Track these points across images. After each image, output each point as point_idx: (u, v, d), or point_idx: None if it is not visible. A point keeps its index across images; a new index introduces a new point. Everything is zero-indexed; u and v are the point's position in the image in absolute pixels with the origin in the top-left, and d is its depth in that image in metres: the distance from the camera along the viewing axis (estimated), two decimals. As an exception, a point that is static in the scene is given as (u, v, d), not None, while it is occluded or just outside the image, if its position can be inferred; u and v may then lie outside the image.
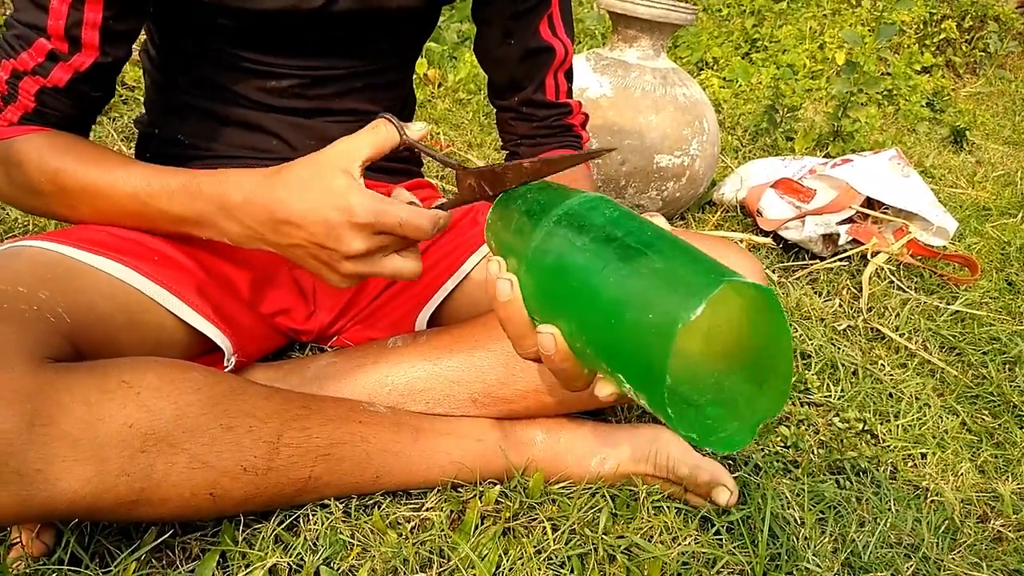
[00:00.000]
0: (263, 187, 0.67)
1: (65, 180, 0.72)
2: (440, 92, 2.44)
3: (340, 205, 0.62)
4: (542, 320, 0.52)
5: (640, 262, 0.45)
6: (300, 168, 0.66)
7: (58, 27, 0.68)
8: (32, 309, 0.61)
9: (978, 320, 1.41)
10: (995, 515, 0.92)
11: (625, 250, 0.46)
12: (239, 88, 0.83)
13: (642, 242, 0.47)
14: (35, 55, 0.69)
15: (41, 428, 0.54)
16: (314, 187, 0.64)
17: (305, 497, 0.71)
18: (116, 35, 0.71)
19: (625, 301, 0.44)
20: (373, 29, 0.84)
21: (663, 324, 0.41)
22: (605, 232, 0.49)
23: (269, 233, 0.67)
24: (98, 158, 0.72)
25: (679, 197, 1.64)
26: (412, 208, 0.64)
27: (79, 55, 0.70)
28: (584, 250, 0.49)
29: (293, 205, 0.64)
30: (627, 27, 1.59)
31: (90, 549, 0.66)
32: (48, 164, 0.71)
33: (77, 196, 0.73)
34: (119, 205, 0.72)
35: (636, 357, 0.44)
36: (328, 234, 0.63)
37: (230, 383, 0.66)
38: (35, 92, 0.70)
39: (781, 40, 3.77)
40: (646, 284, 0.44)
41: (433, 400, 0.80)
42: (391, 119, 0.66)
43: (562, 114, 0.95)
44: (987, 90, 4.08)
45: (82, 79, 0.71)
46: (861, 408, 1.09)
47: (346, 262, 0.65)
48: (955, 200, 2.18)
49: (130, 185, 0.71)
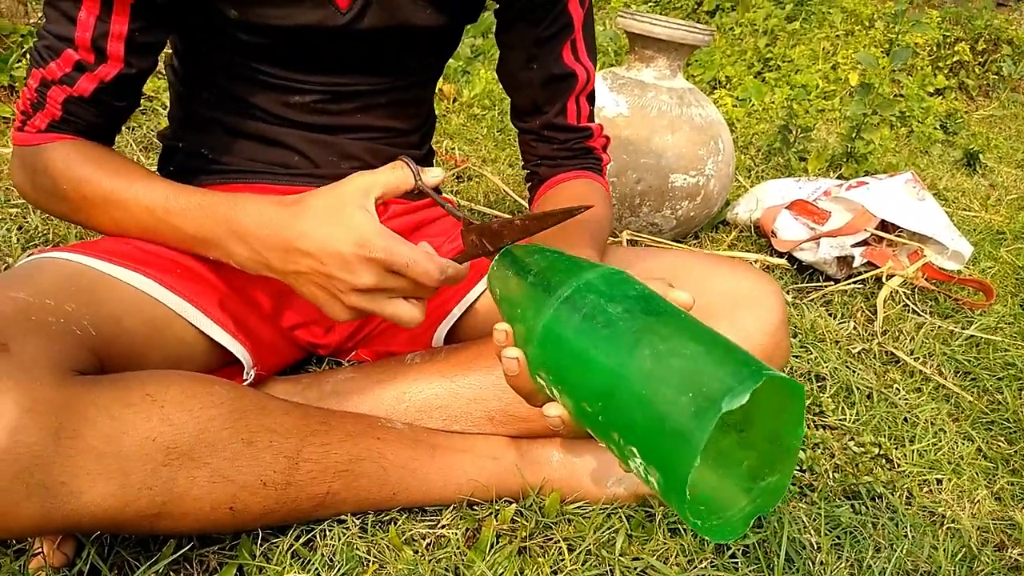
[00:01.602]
0: (279, 215, 0.68)
1: (87, 189, 0.73)
2: (455, 107, 2.46)
3: (357, 239, 0.63)
4: (550, 383, 0.53)
5: (678, 341, 0.45)
6: (318, 199, 0.67)
7: (85, 38, 0.70)
8: (59, 322, 0.62)
9: (993, 345, 1.41)
10: (1012, 543, 0.91)
11: (662, 326, 0.46)
12: (262, 103, 0.84)
13: (679, 322, 0.47)
14: (63, 65, 0.71)
15: (67, 441, 0.55)
16: (332, 218, 0.65)
17: (322, 512, 0.71)
18: (141, 47, 0.73)
19: (656, 378, 0.44)
20: (396, 46, 0.85)
21: (700, 407, 0.41)
22: (639, 304, 0.49)
23: (276, 260, 0.68)
24: (121, 170, 0.74)
25: (693, 216, 1.64)
26: (423, 252, 0.65)
27: (104, 66, 0.72)
28: (614, 320, 0.48)
29: (310, 234, 0.65)
30: (644, 47, 1.60)
31: (109, 561, 0.66)
32: (72, 173, 0.73)
33: (97, 206, 0.74)
34: (136, 218, 0.74)
35: (661, 439, 0.43)
36: (341, 265, 0.64)
37: (252, 398, 0.66)
38: (62, 101, 0.72)
39: (794, 60, 3.78)
40: (687, 364, 0.44)
41: (450, 417, 0.80)
42: (409, 163, 0.68)
43: (583, 137, 0.95)
44: (1000, 113, 4.08)
45: (107, 89, 0.73)
46: (876, 432, 1.08)
47: (352, 295, 0.66)
48: (969, 223, 2.18)
49: (149, 199, 0.73)
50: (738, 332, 0.77)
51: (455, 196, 1.74)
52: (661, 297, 0.51)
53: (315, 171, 0.88)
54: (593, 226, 0.83)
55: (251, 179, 0.87)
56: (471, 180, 1.88)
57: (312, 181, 0.88)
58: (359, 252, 0.63)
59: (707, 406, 0.40)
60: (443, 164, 1.93)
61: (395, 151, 0.93)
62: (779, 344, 0.79)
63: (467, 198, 1.75)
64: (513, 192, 1.79)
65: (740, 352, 0.44)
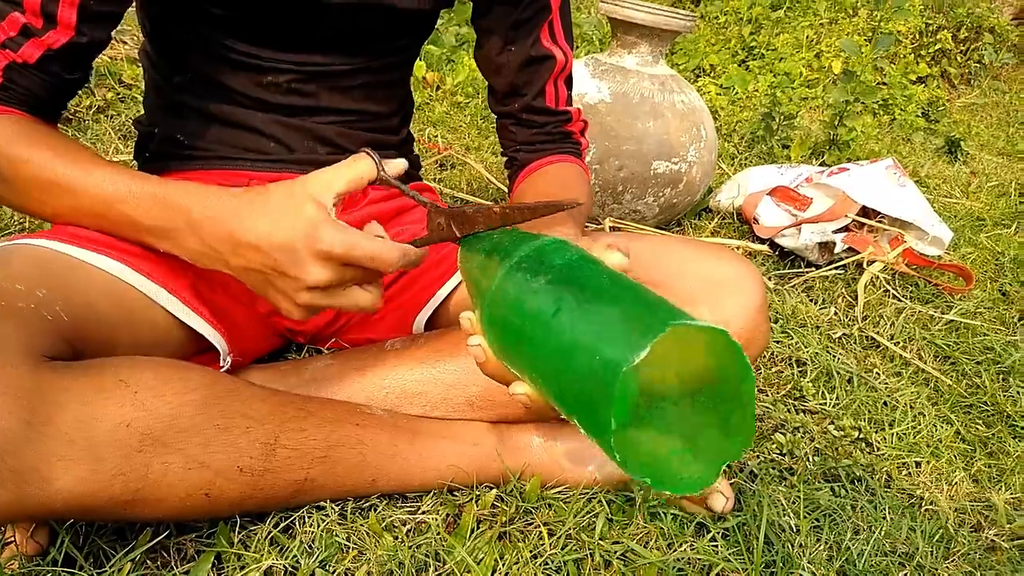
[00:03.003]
0: (230, 207, 0.65)
1: (30, 171, 0.68)
2: (438, 95, 2.45)
3: (308, 234, 0.61)
4: (505, 361, 0.52)
5: (589, 307, 0.44)
6: (271, 194, 0.64)
7: (34, 1, 0.66)
8: (30, 307, 0.61)
9: (972, 330, 1.42)
10: (989, 524, 0.92)
11: (576, 294, 0.46)
12: (235, 84, 0.83)
13: (595, 287, 0.46)
14: (7, 28, 0.67)
15: (38, 427, 0.54)
16: (283, 214, 0.62)
17: (301, 499, 0.71)
18: (95, 16, 0.69)
19: (572, 346, 0.43)
20: (370, 25, 0.84)
21: (606, 369, 0.40)
22: (559, 276, 0.48)
23: (228, 254, 0.66)
24: (68, 153, 0.69)
25: (676, 203, 1.64)
26: (381, 242, 0.63)
27: (53, 32, 0.68)
28: (536, 293, 0.48)
29: (259, 229, 0.63)
30: (626, 33, 1.60)
31: (85, 549, 0.66)
32: (13, 151, 0.68)
33: (42, 189, 0.69)
34: (83, 205, 0.69)
35: (583, 403, 0.43)
36: (292, 262, 0.62)
37: (227, 384, 0.66)
38: (3, 67, 0.68)
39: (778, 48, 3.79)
40: (592, 328, 0.43)
41: (430, 403, 0.80)
42: (371, 154, 0.65)
43: (561, 121, 0.95)
44: (981, 101, 4.11)
45: (54, 57, 0.69)
46: (856, 416, 1.09)
47: (304, 292, 0.64)
48: (950, 210, 2.19)
49: (95, 186, 0.68)
50: (718, 316, 0.77)
51: (438, 184, 1.73)
52: (593, 263, 0.49)
53: (290, 156, 0.87)
54: (573, 210, 0.83)
55: (227, 165, 0.86)
56: (454, 168, 1.88)
57: (288, 167, 0.87)
58: (314, 247, 0.61)
59: (612, 365, 0.40)
60: (425, 152, 1.92)
61: (372, 136, 0.92)
62: (759, 327, 0.79)
63: (450, 186, 1.74)
64: (496, 180, 1.78)
65: (652, 307, 0.43)
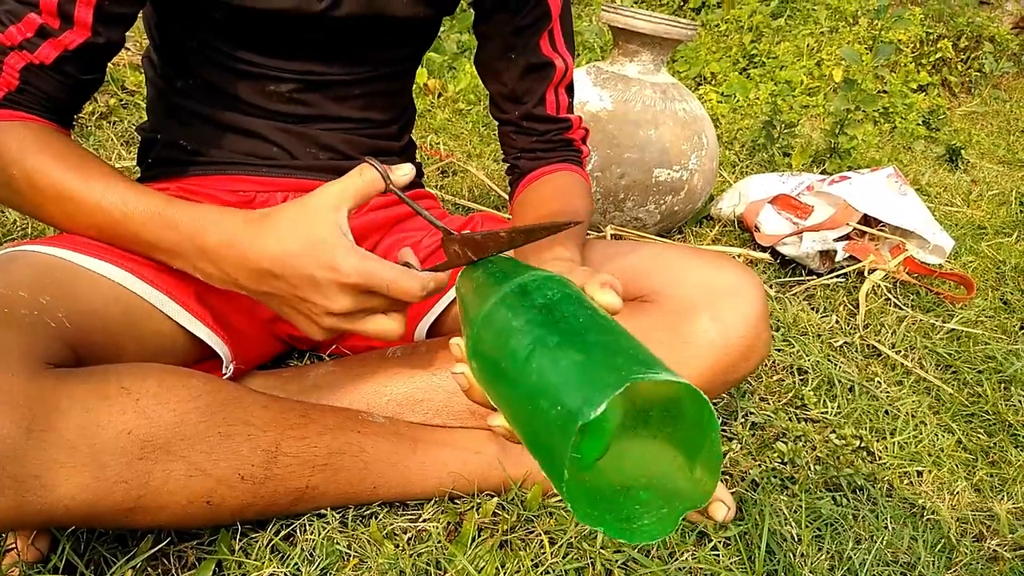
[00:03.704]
0: (244, 232, 0.65)
1: (40, 180, 0.68)
2: (440, 102, 2.45)
3: (327, 263, 0.61)
4: (489, 397, 0.52)
5: (559, 353, 0.43)
6: (284, 217, 0.63)
7: (50, 2, 0.66)
8: (33, 314, 0.61)
9: (974, 338, 1.42)
10: (991, 534, 0.92)
11: (549, 337, 0.45)
12: (239, 92, 0.84)
13: (569, 330, 0.45)
14: (24, 29, 0.67)
15: (40, 434, 0.54)
16: (300, 240, 0.62)
17: (302, 507, 0.71)
18: (111, 16, 0.69)
19: (538, 390, 0.43)
20: (373, 36, 0.84)
21: (564, 420, 0.39)
22: (538, 316, 0.47)
23: (246, 280, 0.66)
24: (79, 164, 0.69)
25: (677, 211, 1.64)
26: (401, 270, 0.62)
27: (70, 32, 0.68)
28: (514, 332, 0.47)
29: (277, 256, 0.62)
30: (628, 42, 1.60)
31: (85, 556, 0.66)
32: (26, 160, 0.68)
33: (51, 199, 0.69)
34: (92, 218, 0.69)
35: (544, 447, 0.42)
36: (313, 290, 0.62)
37: (229, 391, 0.66)
38: (20, 68, 0.68)
39: (779, 56, 3.80)
40: (558, 376, 0.42)
41: (431, 411, 0.80)
42: (375, 164, 0.64)
43: (562, 129, 0.95)
44: (982, 110, 4.11)
45: (70, 58, 0.69)
46: (857, 425, 1.09)
47: (327, 317, 0.64)
48: (951, 218, 2.19)
49: (107, 200, 0.68)
50: (719, 325, 0.77)
51: (440, 191, 1.73)
52: (576, 303, 0.48)
53: (293, 162, 0.87)
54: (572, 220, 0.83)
55: (229, 170, 0.86)
56: (456, 175, 1.88)
57: (290, 172, 0.87)
58: (332, 277, 0.61)
59: (567, 419, 0.39)
60: (427, 159, 1.92)
61: (373, 142, 0.92)
62: (759, 336, 0.79)
63: (452, 193, 1.74)
64: (497, 187, 1.78)
65: (620, 358, 0.42)
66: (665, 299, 0.79)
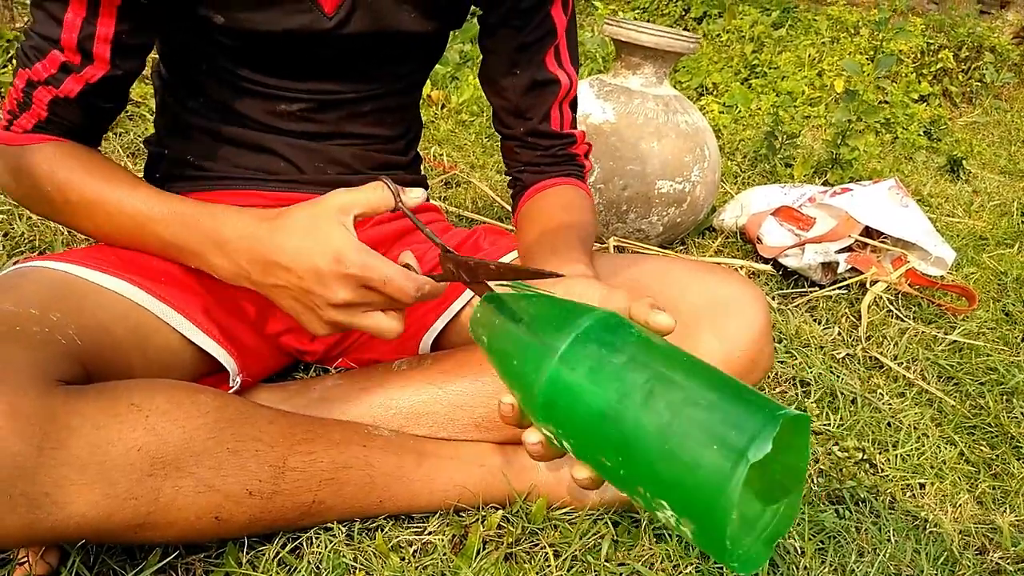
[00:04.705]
0: (259, 229, 0.68)
1: (70, 193, 0.73)
2: (443, 113, 2.46)
3: (333, 255, 0.63)
4: (559, 436, 0.51)
5: (686, 394, 0.45)
6: (298, 213, 0.67)
7: (71, 40, 0.70)
8: (44, 331, 0.62)
9: (976, 350, 1.42)
10: (993, 547, 0.92)
11: (662, 383, 0.46)
12: (248, 110, 0.85)
13: (678, 369, 0.47)
14: (48, 66, 0.71)
15: (51, 451, 0.55)
16: (310, 235, 0.65)
17: (309, 520, 0.71)
18: (127, 49, 0.73)
19: (677, 439, 0.44)
20: (382, 52, 0.85)
21: (725, 464, 0.41)
22: (631, 363, 0.48)
23: (256, 273, 0.68)
24: (105, 174, 0.74)
25: (680, 223, 1.65)
26: (400, 269, 0.65)
27: (90, 67, 0.72)
28: (614, 388, 0.47)
29: (288, 250, 0.66)
30: (630, 54, 1.61)
31: (95, 570, 0.66)
32: (56, 176, 0.73)
33: (80, 210, 0.74)
34: (117, 224, 0.74)
35: (692, 494, 0.43)
36: (318, 281, 0.65)
37: (237, 407, 0.66)
38: (48, 102, 0.72)
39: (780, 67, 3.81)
40: (701, 419, 0.44)
41: (437, 424, 0.81)
42: (389, 183, 0.68)
43: (566, 144, 0.96)
44: (983, 120, 4.12)
45: (93, 91, 0.73)
46: (860, 437, 1.09)
47: (330, 309, 0.66)
48: (952, 229, 2.20)
49: (131, 206, 0.72)
50: (722, 338, 0.77)
51: (443, 203, 1.74)
52: (660, 340, 0.50)
53: (301, 177, 0.88)
54: (582, 233, 0.84)
55: (237, 186, 0.87)
56: (459, 186, 1.89)
57: (298, 187, 0.88)
58: (335, 268, 0.63)
59: (735, 458, 0.41)
60: (431, 170, 1.93)
61: (381, 157, 0.93)
62: (763, 350, 0.79)
63: (455, 204, 1.75)
64: (500, 199, 1.79)
65: (751, 394, 0.44)
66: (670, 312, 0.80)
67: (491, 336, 0.57)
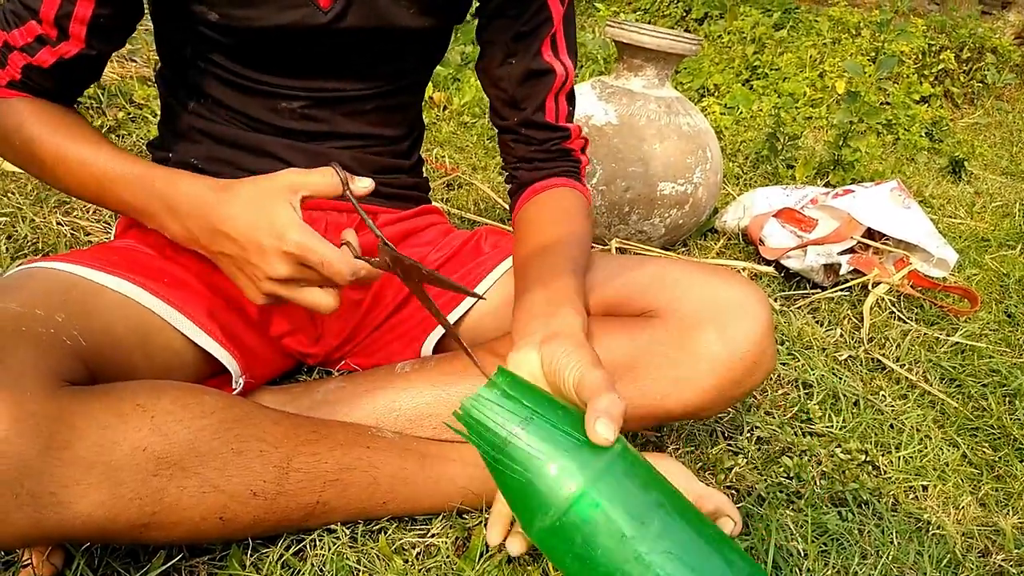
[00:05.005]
0: (209, 196, 0.71)
1: (38, 149, 0.75)
2: (445, 115, 2.47)
3: (275, 232, 0.67)
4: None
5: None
6: (247, 187, 0.70)
7: (49, 14, 0.72)
8: (49, 332, 0.62)
9: (978, 352, 1.42)
10: (996, 549, 0.92)
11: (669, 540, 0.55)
12: (249, 109, 0.85)
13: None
14: (25, 35, 0.73)
15: (56, 452, 0.55)
16: (256, 209, 0.68)
17: (312, 522, 0.71)
18: (105, 30, 0.75)
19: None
20: (381, 48, 0.85)
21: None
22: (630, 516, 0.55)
23: (204, 239, 0.71)
24: (72, 132, 0.75)
25: (682, 224, 1.65)
26: (337, 252, 0.68)
27: (65, 43, 0.74)
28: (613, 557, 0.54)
29: (234, 220, 0.69)
30: (632, 56, 1.61)
31: (99, 572, 0.66)
32: (25, 131, 0.75)
33: (48, 165, 0.76)
34: (80, 180, 0.75)
35: None
36: (259, 254, 0.68)
37: (242, 407, 0.67)
38: (22, 66, 0.74)
39: (782, 68, 3.81)
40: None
41: (440, 426, 0.81)
42: (339, 170, 0.71)
43: (561, 138, 0.95)
44: (985, 121, 4.12)
45: (67, 64, 0.75)
46: (863, 439, 1.09)
47: (267, 281, 0.69)
48: (954, 230, 2.20)
49: (93, 164, 0.74)
50: (725, 340, 0.77)
51: (445, 204, 1.74)
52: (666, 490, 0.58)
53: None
54: (575, 249, 0.83)
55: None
56: (461, 188, 1.89)
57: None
58: (275, 244, 0.67)
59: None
60: (433, 172, 1.93)
61: (382, 160, 0.93)
62: (765, 352, 0.79)
63: (457, 206, 1.75)
64: (502, 200, 1.79)
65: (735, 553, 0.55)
66: (671, 314, 0.80)
67: (488, 444, 0.59)
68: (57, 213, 1.28)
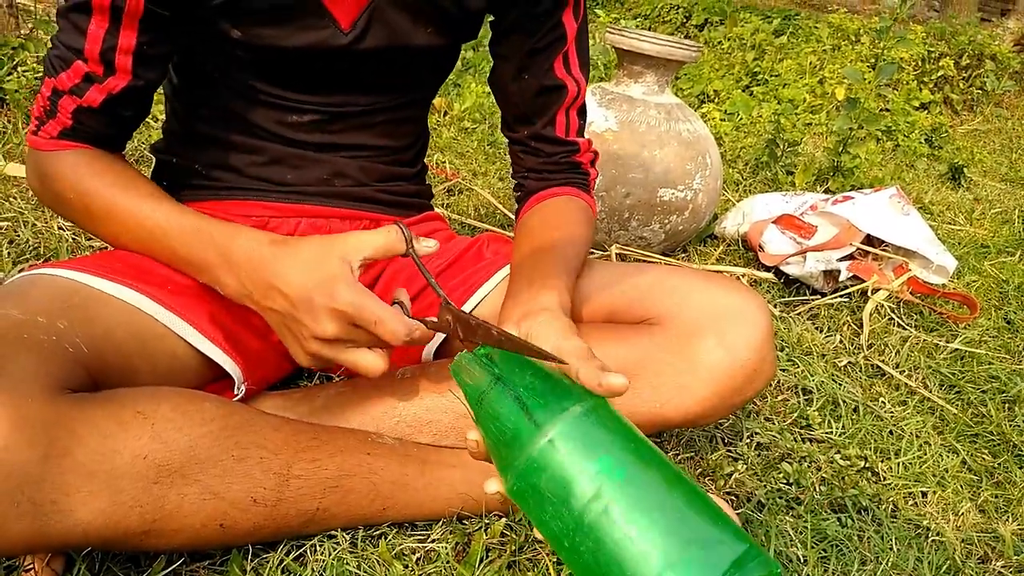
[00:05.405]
0: (268, 252, 0.70)
1: (91, 202, 0.75)
2: (445, 120, 2.47)
3: (327, 290, 0.65)
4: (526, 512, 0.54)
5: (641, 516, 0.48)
6: (308, 245, 0.69)
7: (94, 51, 0.71)
8: (51, 339, 0.62)
9: (977, 358, 1.42)
10: (996, 556, 0.92)
11: (627, 498, 0.49)
12: (259, 121, 0.85)
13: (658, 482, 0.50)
14: (72, 76, 0.72)
15: (57, 459, 0.55)
16: (313, 268, 0.67)
17: (313, 528, 0.72)
18: (149, 59, 0.74)
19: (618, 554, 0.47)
20: (396, 66, 0.86)
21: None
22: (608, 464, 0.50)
23: (258, 293, 0.71)
24: (125, 184, 0.76)
25: (682, 230, 1.66)
26: (392, 312, 0.66)
27: (113, 78, 0.73)
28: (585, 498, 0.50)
29: (289, 277, 0.68)
30: (633, 63, 1.62)
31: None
32: (79, 184, 0.75)
33: (100, 218, 0.76)
34: (135, 236, 0.76)
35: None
36: (307, 311, 0.67)
37: (242, 414, 0.67)
38: (72, 110, 0.74)
39: (781, 74, 3.82)
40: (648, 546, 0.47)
41: (440, 432, 0.81)
42: (403, 230, 0.69)
43: (570, 151, 0.96)
44: (984, 127, 4.13)
45: (116, 100, 0.75)
46: (862, 445, 1.10)
47: (313, 341, 0.68)
48: (953, 237, 2.20)
49: (150, 220, 0.75)
50: (725, 347, 0.77)
51: (445, 210, 1.74)
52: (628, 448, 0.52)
53: (306, 188, 0.89)
54: (569, 251, 0.84)
55: (245, 196, 0.88)
56: (461, 194, 1.89)
57: (303, 199, 0.88)
58: (327, 302, 0.65)
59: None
60: (434, 177, 1.94)
61: (388, 169, 0.94)
62: (765, 358, 0.79)
63: (457, 211, 1.76)
64: (503, 206, 1.80)
65: (720, 521, 0.48)
66: (671, 321, 0.80)
67: (473, 393, 0.58)
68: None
